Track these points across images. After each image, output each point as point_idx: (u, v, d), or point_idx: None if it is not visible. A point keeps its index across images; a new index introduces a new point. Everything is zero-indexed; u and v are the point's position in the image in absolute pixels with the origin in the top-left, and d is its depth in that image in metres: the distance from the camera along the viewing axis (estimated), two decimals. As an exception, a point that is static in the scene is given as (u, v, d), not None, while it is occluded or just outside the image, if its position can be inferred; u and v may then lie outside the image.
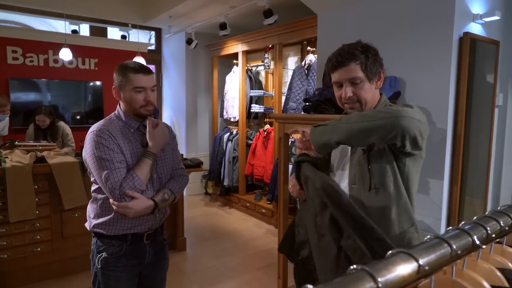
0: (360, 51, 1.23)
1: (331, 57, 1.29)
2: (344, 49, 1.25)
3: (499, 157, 2.84)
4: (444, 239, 0.43)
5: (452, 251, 0.42)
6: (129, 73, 1.49)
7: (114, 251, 1.55)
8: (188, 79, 5.60)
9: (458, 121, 2.31)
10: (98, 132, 1.49)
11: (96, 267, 1.57)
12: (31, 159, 2.82)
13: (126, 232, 1.54)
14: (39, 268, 2.88)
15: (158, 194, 1.57)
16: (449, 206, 2.39)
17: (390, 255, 0.39)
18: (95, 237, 1.59)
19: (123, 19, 5.23)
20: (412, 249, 0.40)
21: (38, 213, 2.81)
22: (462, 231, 0.46)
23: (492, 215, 0.54)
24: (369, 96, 1.27)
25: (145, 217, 1.56)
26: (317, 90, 2.64)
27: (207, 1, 4.05)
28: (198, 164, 4.10)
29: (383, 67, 1.28)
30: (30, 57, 4.75)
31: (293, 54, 4.82)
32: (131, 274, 1.61)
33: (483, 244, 0.47)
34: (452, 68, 2.26)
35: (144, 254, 1.61)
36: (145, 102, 1.52)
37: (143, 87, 1.50)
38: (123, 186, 1.44)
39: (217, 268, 3.24)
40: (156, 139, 1.54)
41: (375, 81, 1.27)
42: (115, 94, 1.55)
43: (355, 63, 1.22)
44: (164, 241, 1.75)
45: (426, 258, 0.40)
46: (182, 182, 1.68)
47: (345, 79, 1.25)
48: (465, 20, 2.32)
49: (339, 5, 2.91)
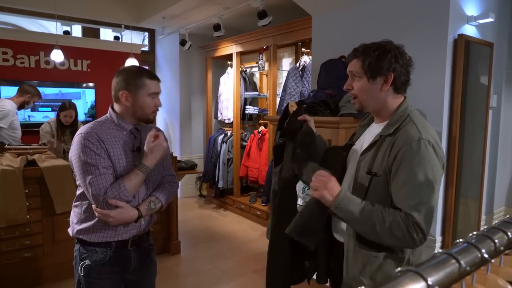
0: (368, 49, 1.26)
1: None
2: (359, 46, 1.31)
3: (494, 158, 2.85)
4: (452, 254, 0.41)
5: (460, 267, 0.40)
6: (146, 78, 1.49)
7: (98, 259, 1.50)
8: (182, 80, 5.56)
9: (453, 123, 2.31)
10: (86, 135, 1.44)
11: (79, 275, 1.52)
12: (21, 162, 2.77)
13: (109, 240, 1.50)
14: (30, 274, 2.82)
15: (144, 203, 1.52)
16: (444, 208, 2.38)
17: (398, 273, 0.37)
18: (78, 243, 1.54)
19: (116, 20, 5.17)
20: (420, 266, 0.38)
21: (29, 217, 2.76)
22: (470, 244, 0.44)
23: (500, 226, 0.52)
24: (369, 96, 1.27)
25: (129, 225, 1.51)
26: (312, 92, 2.63)
27: (201, 2, 4.02)
28: (192, 166, 4.07)
29: (396, 70, 1.24)
30: (21, 58, 4.67)
31: (287, 56, 4.81)
32: (115, 281, 1.56)
33: (492, 258, 0.45)
34: (447, 70, 2.25)
35: (129, 261, 1.57)
36: (156, 108, 1.55)
37: (157, 93, 1.54)
38: (108, 194, 1.40)
39: (211, 271, 3.21)
40: (153, 153, 1.48)
41: (377, 81, 1.25)
42: (124, 98, 1.49)
43: (357, 59, 1.27)
44: (150, 246, 1.70)
45: (435, 277, 0.38)
46: (170, 190, 1.63)
47: (348, 72, 1.33)
48: (460, 22, 2.32)
49: (333, 7, 2.90)
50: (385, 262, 1.23)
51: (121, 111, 1.54)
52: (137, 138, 1.57)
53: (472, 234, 0.50)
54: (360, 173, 1.27)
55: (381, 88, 1.25)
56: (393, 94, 1.28)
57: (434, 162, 1.16)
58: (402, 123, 1.23)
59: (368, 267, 1.24)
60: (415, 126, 1.20)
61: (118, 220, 1.43)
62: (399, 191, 1.16)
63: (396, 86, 1.26)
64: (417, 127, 1.20)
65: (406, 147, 1.16)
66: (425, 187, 1.13)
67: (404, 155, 1.15)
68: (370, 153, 1.27)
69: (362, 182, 1.25)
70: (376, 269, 1.23)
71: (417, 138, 1.16)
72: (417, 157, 1.14)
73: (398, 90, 1.28)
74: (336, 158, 1.44)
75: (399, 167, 1.16)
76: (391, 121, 1.26)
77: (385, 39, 1.30)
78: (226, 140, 5.06)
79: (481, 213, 2.72)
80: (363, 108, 1.32)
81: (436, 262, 0.40)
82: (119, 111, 1.54)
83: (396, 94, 1.28)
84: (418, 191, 1.13)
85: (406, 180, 1.14)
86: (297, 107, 1.58)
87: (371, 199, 1.20)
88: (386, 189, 1.20)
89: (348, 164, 1.40)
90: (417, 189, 1.13)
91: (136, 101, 1.50)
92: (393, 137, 1.22)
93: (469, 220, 2.64)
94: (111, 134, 1.50)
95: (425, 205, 1.12)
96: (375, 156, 1.24)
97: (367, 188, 1.22)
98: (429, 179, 1.13)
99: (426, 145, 1.15)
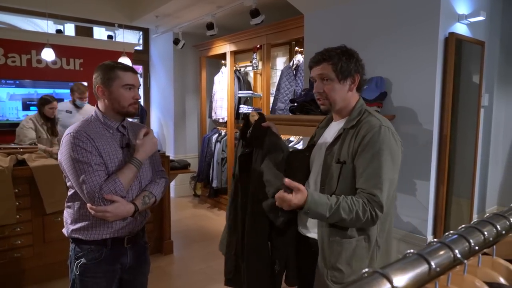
0: (335, 54, 1.35)
1: (311, 57, 1.43)
2: (323, 51, 1.39)
3: (485, 157, 2.86)
4: (422, 255, 0.40)
5: (430, 269, 0.39)
6: (118, 70, 1.50)
7: (93, 257, 1.50)
8: (176, 79, 5.53)
9: (444, 121, 2.31)
10: (75, 134, 1.44)
11: (74, 274, 1.52)
12: (11, 162, 2.73)
13: (105, 237, 1.50)
14: (20, 274, 2.79)
15: (139, 197, 1.54)
16: (435, 207, 2.38)
17: (365, 273, 0.36)
18: (73, 243, 1.54)
19: (109, 19, 5.13)
20: (388, 267, 0.37)
21: (18, 217, 2.73)
22: (443, 244, 0.43)
23: (477, 225, 0.51)
24: (339, 96, 1.38)
25: (125, 221, 1.52)
26: (303, 91, 2.62)
27: (194, 0, 4.00)
28: (185, 165, 4.05)
29: (359, 71, 1.38)
30: (12, 57, 4.62)
31: (281, 55, 4.79)
32: (110, 280, 1.56)
33: (465, 258, 0.44)
34: (438, 69, 2.25)
35: (124, 258, 1.57)
36: (134, 100, 1.53)
37: (133, 85, 1.52)
38: (103, 189, 1.40)
39: (204, 271, 3.19)
40: (144, 147, 1.53)
41: (347, 83, 1.37)
42: (100, 92, 1.51)
43: (327, 63, 1.35)
44: (146, 245, 1.71)
45: (402, 279, 0.37)
46: (162, 185, 1.66)
47: (317, 75, 1.39)
48: (451, 20, 2.31)
49: (325, 5, 2.89)
50: (357, 247, 1.34)
51: (104, 108, 1.55)
52: (125, 135, 1.59)
53: (448, 233, 0.49)
54: (330, 164, 1.37)
55: (349, 88, 1.38)
56: (355, 93, 1.41)
57: (394, 146, 1.30)
58: (362, 116, 1.37)
59: (343, 253, 1.33)
60: (374, 117, 1.36)
61: (115, 215, 1.44)
62: (363, 172, 1.28)
63: (360, 85, 1.40)
64: (376, 117, 1.35)
65: (369, 134, 1.29)
66: (387, 168, 1.26)
67: (368, 140, 1.29)
68: (336, 146, 1.38)
69: (333, 172, 1.35)
70: (350, 255, 1.33)
71: (378, 125, 1.30)
72: (379, 141, 1.27)
73: (359, 89, 1.42)
74: (299, 160, 1.52)
75: (363, 150, 1.29)
76: (352, 116, 1.38)
77: (341, 44, 1.41)
78: (220, 140, 5.05)
79: (473, 212, 2.72)
80: (331, 108, 1.42)
81: (405, 263, 0.39)
82: (102, 108, 1.55)
83: (356, 93, 1.42)
84: (380, 172, 1.26)
85: (369, 162, 1.27)
86: (258, 116, 1.63)
87: (342, 186, 1.33)
88: (354, 176, 1.32)
89: (314, 160, 1.50)
90: (380, 170, 1.26)
91: (111, 93, 1.50)
92: (355, 128, 1.35)
93: (461, 219, 2.65)
94: (99, 133, 1.50)
95: (386, 184, 1.26)
96: (341, 147, 1.36)
97: (338, 176, 1.34)
98: (390, 161, 1.27)
99: (386, 131, 1.30)
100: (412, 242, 2.37)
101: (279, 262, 1.53)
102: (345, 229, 1.32)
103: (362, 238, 1.34)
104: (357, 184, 1.30)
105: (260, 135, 1.56)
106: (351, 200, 1.26)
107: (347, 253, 1.33)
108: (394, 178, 1.30)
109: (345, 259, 1.33)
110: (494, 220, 0.53)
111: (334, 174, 1.34)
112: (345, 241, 1.33)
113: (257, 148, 1.56)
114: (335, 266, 1.34)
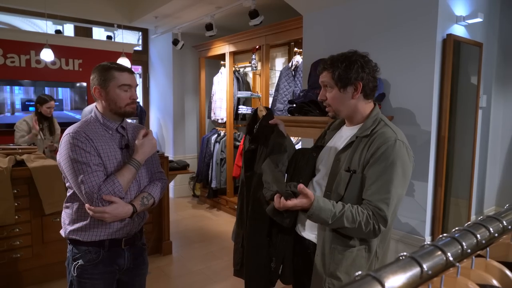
0: (335, 61, 1.35)
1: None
2: (326, 58, 1.40)
3: (483, 158, 2.86)
4: (415, 258, 0.41)
5: (422, 271, 0.40)
6: (114, 71, 1.50)
7: (91, 258, 1.50)
8: (176, 80, 5.54)
9: (442, 122, 2.31)
10: (74, 134, 1.44)
11: (72, 275, 1.52)
12: (9, 162, 2.74)
13: (103, 239, 1.50)
14: (19, 275, 2.80)
15: (137, 199, 1.54)
16: (433, 208, 2.39)
17: (357, 277, 0.36)
18: (70, 244, 1.54)
19: (108, 19, 5.13)
20: (380, 271, 0.38)
21: (17, 218, 2.73)
22: (436, 247, 0.44)
23: (470, 228, 0.52)
24: (341, 104, 1.38)
25: (122, 222, 1.52)
26: (302, 92, 2.63)
27: (193, 1, 4.00)
28: (184, 166, 4.06)
29: (363, 79, 1.34)
30: (11, 57, 4.62)
31: (280, 55, 4.80)
32: (108, 281, 1.56)
33: (458, 261, 0.44)
34: (436, 70, 2.26)
35: (122, 260, 1.57)
36: (131, 100, 1.53)
37: (129, 85, 1.52)
38: (102, 190, 1.40)
39: (203, 272, 3.19)
40: (143, 148, 1.53)
41: (348, 90, 1.35)
42: (97, 94, 1.52)
43: (327, 71, 1.37)
44: (144, 246, 1.71)
45: (394, 282, 0.37)
46: (161, 186, 1.65)
47: (321, 83, 1.42)
48: (448, 22, 2.32)
49: (324, 6, 2.89)
50: (357, 257, 1.33)
51: (102, 109, 1.55)
52: (124, 136, 1.59)
53: (442, 235, 0.49)
54: (339, 171, 1.35)
55: (352, 96, 1.36)
56: (363, 100, 1.38)
57: (407, 162, 1.29)
58: (377, 126, 1.35)
59: (344, 262, 1.33)
60: (390, 128, 1.33)
61: (114, 216, 1.43)
62: (372, 184, 1.27)
63: (366, 92, 1.37)
64: (392, 129, 1.33)
65: (383, 146, 1.27)
66: (397, 183, 1.25)
67: (382, 152, 1.27)
68: (347, 153, 1.36)
69: (343, 179, 1.33)
70: (350, 264, 1.33)
71: (393, 138, 1.28)
72: (392, 155, 1.26)
73: (367, 96, 1.38)
74: (306, 160, 1.51)
75: (375, 162, 1.27)
76: (366, 125, 1.36)
77: (350, 49, 1.40)
78: (219, 140, 5.05)
79: (471, 213, 2.73)
80: (336, 115, 1.42)
81: (397, 266, 0.40)
82: (101, 109, 1.56)
83: (366, 100, 1.39)
84: (390, 186, 1.24)
85: (380, 175, 1.25)
86: (266, 111, 1.60)
87: (350, 194, 1.31)
88: (362, 186, 1.31)
89: (320, 163, 1.48)
90: (389, 185, 1.24)
91: (108, 94, 1.51)
92: (369, 138, 1.33)
93: (459, 220, 2.65)
94: (98, 133, 1.50)
95: (394, 200, 1.25)
96: (352, 155, 1.34)
97: (347, 185, 1.32)
98: (401, 176, 1.26)
99: (400, 145, 1.28)
100: (410, 243, 2.38)
101: (276, 260, 1.53)
102: (348, 237, 1.31)
103: (363, 248, 1.33)
104: (364, 194, 1.28)
105: (266, 132, 1.53)
106: (356, 210, 1.24)
107: (347, 262, 1.32)
108: (402, 194, 1.29)
109: (344, 267, 1.32)
110: (488, 223, 0.54)
111: (342, 182, 1.32)
112: (346, 250, 1.32)
113: (262, 145, 1.54)
114: (335, 274, 1.33)
